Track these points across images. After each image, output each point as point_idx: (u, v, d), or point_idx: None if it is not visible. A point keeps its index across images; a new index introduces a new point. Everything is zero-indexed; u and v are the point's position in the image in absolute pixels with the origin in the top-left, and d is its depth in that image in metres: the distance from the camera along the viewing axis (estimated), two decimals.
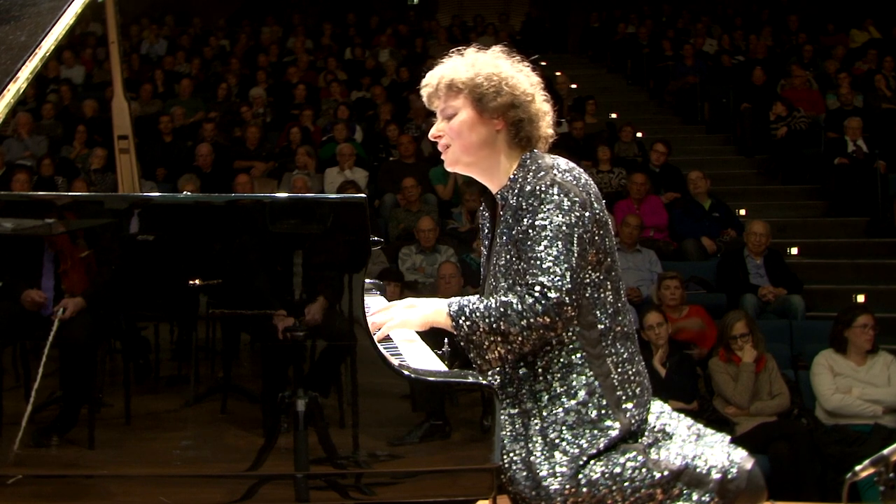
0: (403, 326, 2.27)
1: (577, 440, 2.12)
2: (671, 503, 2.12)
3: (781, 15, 13.78)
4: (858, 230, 8.87)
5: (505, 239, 2.23)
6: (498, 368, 2.22)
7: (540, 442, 2.13)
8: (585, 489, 2.08)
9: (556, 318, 2.08)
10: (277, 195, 2.19)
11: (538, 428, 2.15)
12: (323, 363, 2.05)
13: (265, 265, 2.05)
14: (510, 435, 2.17)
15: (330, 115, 10.18)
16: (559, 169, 2.21)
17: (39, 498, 2.01)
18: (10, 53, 2.31)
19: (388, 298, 3.17)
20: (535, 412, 2.17)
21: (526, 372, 2.20)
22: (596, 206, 2.21)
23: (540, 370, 2.19)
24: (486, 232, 2.44)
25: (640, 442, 2.19)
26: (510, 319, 2.08)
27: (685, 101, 11.68)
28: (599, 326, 2.21)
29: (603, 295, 2.22)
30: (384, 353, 2.06)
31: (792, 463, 5.03)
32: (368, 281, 2.89)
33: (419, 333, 2.44)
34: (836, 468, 4.98)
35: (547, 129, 2.33)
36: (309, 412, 2.00)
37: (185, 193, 4.52)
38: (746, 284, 6.85)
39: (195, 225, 2.07)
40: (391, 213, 8.01)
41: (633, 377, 2.23)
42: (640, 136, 9.97)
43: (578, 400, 2.15)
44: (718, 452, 2.19)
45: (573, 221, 2.13)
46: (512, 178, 2.25)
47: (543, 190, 2.15)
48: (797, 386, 5.69)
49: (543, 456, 2.11)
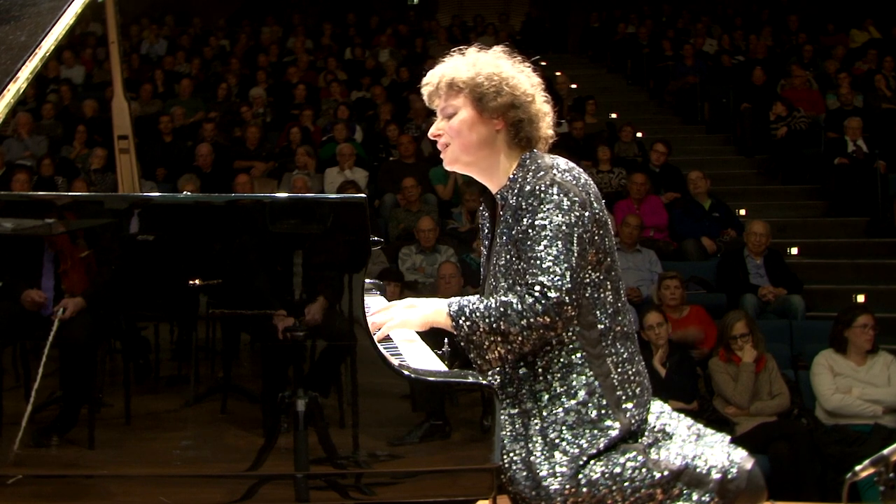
0: (403, 326, 2.27)
1: (577, 440, 2.12)
2: (671, 503, 2.12)
3: (781, 15, 13.78)
4: (858, 230, 8.87)
5: (505, 239, 2.23)
6: (498, 368, 2.22)
7: (540, 442, 2.13)
8: (585, 489, 2.08)
9: (556, 317, 2.08)
10: (277, 195, 2.19)
11: (538, 428, 2.15)
12: (323, 363, 2.05)
13: (265, 265, 2.05)
14: (510, 435, 2.17)
15: (330, 115, 10.17)
16: (559, 169, 2.21)
17: (39, 498, 2.01)
18: (10, 53, 2.31)
19: (388, 298, 3.17)
20: (535, 412, 2.17)
21: (526, 372, 2.20)
22: (595, 205, 2.21)
23: (540, 370, 2.19)
24: (486, 232, 2.44)
25: (640, 442, 2.19)
26: (510, 319, 2.08)
27: (685, 101, 11.68)
28: (599, 326, 2.21)
29: (603, 295, 2.22)
30: (384, 353, 2.05)
31: (792, 463, 5.03)
32: (368, 281, 2.89)
33: (419, 333, 2.44)
34: (836, 468, 4.97)
35: (547, 129, 2.33)
36: (309, 412, 2.00)
37: (185, 193, 4.51)
38: (746, 284, 6.85)
39: (195, 225, 2.07)
40: (391, 213, 8.01)
41: (633, 377, 2.23)
42: (640, 136, 9.97)
43: (578, 400, 2.15)
44: (718, 452, 2.19)
45: (573, 221, 2.13)
46: (511, 177, 2.25)
47: (543, 190, 2.15)
48: (797, 386, 5.69)
49: (543, 456, 2.11)
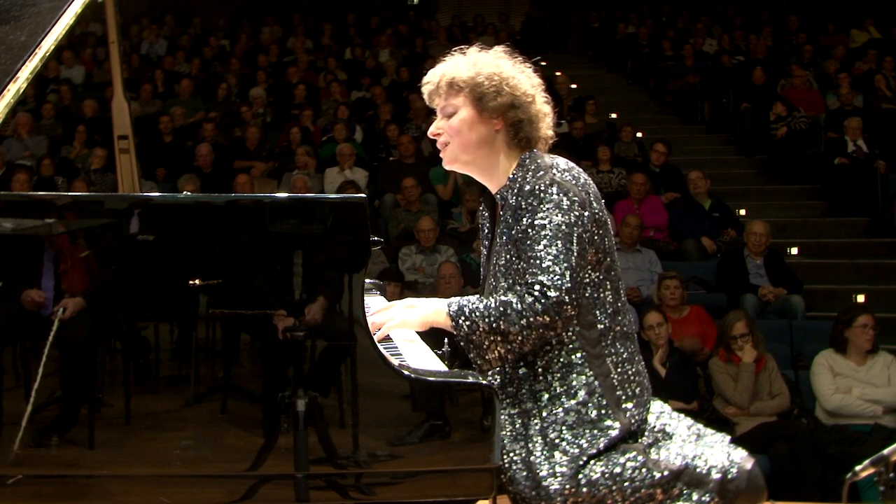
0: (403, 326, 2.27)
1: (577, 440, 2.12)
2: (671, 503, 2.12)
3: (781, 15, 13.78)
4: (858, 230, 8.87)
5: (505, 239, 2.23)
6: (498, 368, 2.22)
7: (540, 442, 2.13)
8: (585, 489, 2.08)
9: (555, 317, 2.08)
10: (277, 195, 2.19)
11: (538, 428, 2.15)
12: (323, 363, 2.05)
13: (265, 265, 2.05)
14: (510, 435, 2.17)
15: (330, 115, 10.17)
16: (558, 168, 2.21)
17: (39, 498, 2.01)
18: (10, 53, 2.31)
19: (388, 298, 3.17)
20: (535, 412, 2.17)
21: (526, 372, 2.20)
22: (595, 205, 2.21)
23: (540, 370, 2.19)
24: (485, 232, 2.44)
25: (640, 442, 2.19)
26: (510, 319, 2.08)
27: (685, 101, 11.68)
28: (599, 326, 2.21)
29: (602, 295, 2.22)
30: (384, 353, 2.05)
31: (792, 463, 5.03)
32: (368, 281, 2.89)
33: (419, 333, 2.44)
34: (836, 468, 4.97)
35: (547, 130, 2.33)
36: (309, 412, 2.00)
37: (185, 193, 4.51)
38: (746, 284, 6.85)
39: (195, 225, 2.07)
40: (391, 213, 8.01)
41: (632, 377, 2.23)
42: (640, 136, 9.97)
43: (578, 400, 2.15)
44: (718, 452, 2.19)
45: (572, 221, 2.13)
46: (511, 177, 2.25)
47: (543, 189, 2.15)
48: (797, 386, 5.69)
49: (543, 456, 2.11)
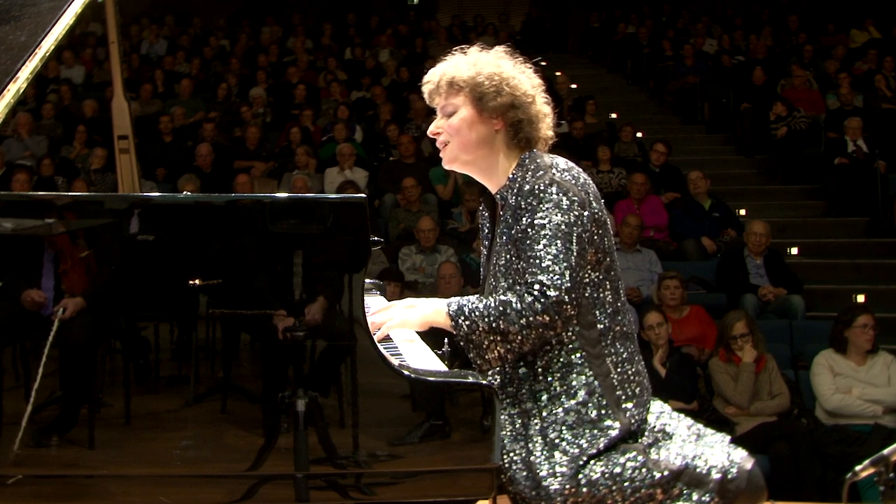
0: (402, 326, 2.27)
1: (576, 440, 2.11)
2: (671, 503, 2.12)
3: (781, 15, 13.78)
4: (858, 230, 8.87)
5: (505, 239, 2.23)
6: (498, 368, 2.22)
7: (540, 442, 2.13)
8: (585, 489, 2.08)
9: (555, 316, 2.08)
10: (277, 195, 2.19)
11: (538, 428, 2.15)
12: (323, 363, 2.05)
13: (265, 265, 2.05)
14: (510, 435, 2.17)
15: (330, 115, 10.17)
16: (558, 168, 2.21)
17: (39, 498, 2.01)
18: (10, 53, 2.31)
19: (388, 298, 3.17)
20: (534, 412, 2.17)
21: (526, 372, 2.20)
22: (595, 205, 2.21)
23: (540, 370, 2.19)
24: (485, 232, 2.44)
25: (640, 442, 2.19)
26: (509, 318, 2.08)
27: (685, 101, 11.68)
28: (599, 326, 2.21)
29: (602, 294, 2.22)
30: (384, 353, 2.05)
31: (792, 463, 5.03)
32: (368, 281, 2.89)
33: (419, 333, 2.44)
34: (836, 468, 4.97)
35: (547, 130, 2.33)
36: (309, 412, 2.00)
37: (185, 193, 4.51)
38: (746, 284, 6.85)
39: (195, 225, 2.07)
40: (391, 213, 8.01)
41: (632, 377, 2.23)
42: (640, 136, 9.97)
43: (578, 400, 2.15)
44: (718, 452, 2.19)
45: (572, 220, 2.13)
46: (511, 177, 2.25)
47: (542, 189, 2.15)
48: (797, 386, 5.69)
49: (543, 456, 2.11)
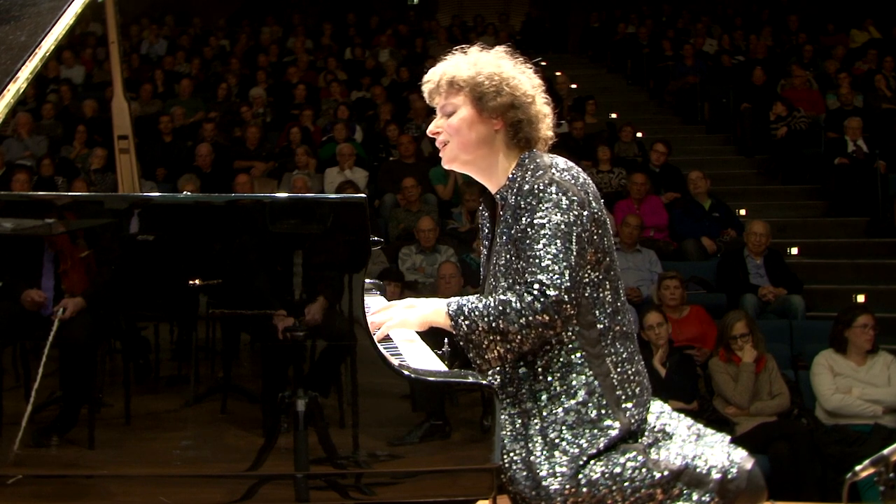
0: (402, 326, 2.27)
1: (576, 440, 2.11)
2: (671, 503, 2.12)
3: (781, 15, 13.78)
4: (858, 230, 8.87)
5: (505, 238, 2.23)
6: (497, 368, 2.22)
7: (540, 442, 2.13)
8: (585, 489, 2.08)
9: (554, 315, 2.08)
10: (277, 195, 2.19)
11: (538, 428, 2.15)
12: (323, 363, 2.05)
13: (265, 265, 2.05)
14: (510, 435, 2.17)
15: (330, 115, 10.17)
16: (557, 168, 2.21)
17: (39, 498, 2.01)
18: (10, 53, 2.31)
19: (388, 298, 3.17)
20: (534, 412, 2.17)
21: (525, 371, 2.20)
22: (594, 205, 2.21)
23: (539, 370, 2.19)
24: (485, 232, 2.44)
25: (640, 442, 2.19)
26: (509, 318, 2.08)
27: (685, 101, 11.68)
28: (599, 326, 2.21)
29: (602, 294, 2.22)
30: (384, 353, 2.05)
31: (792, 463, 5.02)
32: (368, 281, 2.89)
33: (419, 333, 2.44)
34: (836, 468, 4.97)
35: (546, 131, 2.33)
36: (309, 412, 2.00)
37: (185, 193, 4.51)
38: (746, 284, 6.85)
39: (195, 225, 2.07)
40: (391, 213, 8.01)
41: (632, 377, 2.23)
42: (640, 136, 9.97)
43: (578, 400, 2.15)
44: (718, 452, 2.19)
45: (571, 220, 2.13)
46: (511, 177, 2.25)
47: (542, 189, 2.15)
48: (797, 386, 5.69)
49: (543, 456, 2.11)
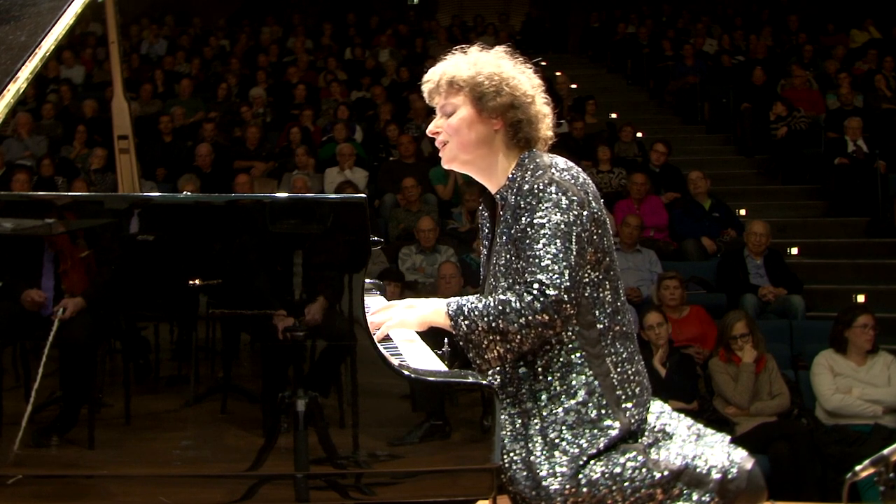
0: (401, 327, 2.27)
1: (576, 440, 2.11)
2: (671, 503, 2.12)
3: (781, 15, 13.78)
4: (858, 230, 8.87)
5: (505, 238, 2.23)
6: (497, 368, 2.22)
7: (540, 442, 2.13)
8: (585, 489, 2.08)
9: (554, 315, 2.08)
10: (277, 195, 2.19)
11: (538, 428, 2.15)
12: (323, 363, 2.05)
13: (265, 265, 2.05)
14: (510, 435, 2.17)
15: (330, 115, 10.17)
16: (557, 168, 2.21)
17: (39, 498, 2.01)
18: (10, 53, 2.31)
19: (388, 298, 3.17)
20: (534, 412, 2.17)
21: (525, 371, 2.20)
22: (594, 205, 2.21)
23: (539, 370, 2.19)
24: (485, 232, 2.44)
25: (640, 442, 2.19)
26: (508, 318, 2.08)
27: (685, 101, 11.68)
28: (598, 326, 2.21)
29: (602, 294, 2.22)
30: (384, 353, 2.05)
31: (792, 463, 5.02)
32: (368, 281, 2.89)
33: (419, 333, 2.44)
34: (836, 468, 4.97)
35: (546, 131, 2.33)
36: (309, 412, 2.00)
37: (185, 193, 4.51)
38: (746, 284, 6.85)
39: (195, 225, 2.07)
40: (391, 213, 8.01)
41: (632, 377, 2.23)
42: (640, 136, 9.97)
43: (578, 399, 2.15)
44: (718, 452, 2.19)
45: (571, 220, 2.13)
46: (511, 177, 2.25)
47: (541, 188, 2.15)
48: (797, 386, 5.68)
49: (543, 456, 2.11)
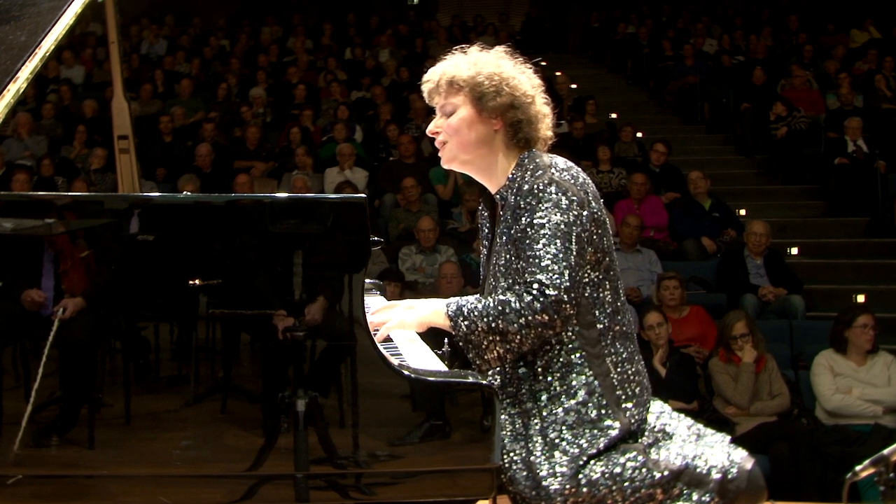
0: (400, 328, 2.27)
1: (577, 440, 2.11)
2: (671, 503, 2.12)
3: (781, 15, 13.78)
4: (858, 230, 8.87)
5: (504, 238, 2.23)
6: (497, 368, 2.22)
7: (540, 442, 2.13)
8: (585, 489, 2.08)
9: (554, 315, 2.08)
10: (277, 195, 2.19)
11: (538, 428, 2.15)
12: (323, 363, 2.05)
13: (265, 265, 2.05)
14: (510, 435, 2.17)
15: (330, 115, 10.17)
16: (557, 168, 2.21)
17: (39, 498, 2.01)
18: (10, 53, 2.31)
19: (388, 298, 3.17)
20: (534, 412, 2.17)
21: (525, 372, 2.20)
22: (594, 205, 2.21)
23: (539, 370, 2.19)
24: (485, 232, 2.44)
25: (640, 442, 2.19)
26: (508, 318, 2.07)
27: (685, 101, 11.68)
28: (598, 326, 2.21)
29: (602, 294, 2.22)
30: (384, 353, 2.06)
31: (792, 463, 5.02)
32: (368, 281, 2.89)
33: (419, 333, 2.44)
34: (836, 468, 4.97)
35: (546, 131, 2.33)
36: (309, 412, 2.00)
37: (185, 193, 4.51)
38: (746, 284, 6.85)
39: (195, 225, 2.07)
40: (391, 213, 8.01)
41: (632, 377, 2.23)
42: (640, 136, 9.97)
43: (578, 400, 2.15)
44: (718, 452, 2.19)
45: (571, 220, 2.13)
46: (510, 177, 2.25)
47: (541, 189, 2.15)
48: (797, 386, 5.68)
49: (543, 456, 2.11)
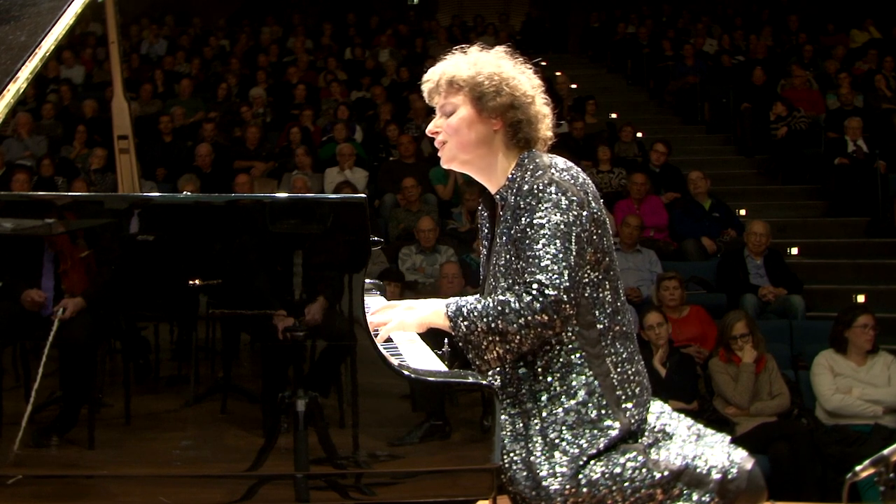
0: (400, 328, 2.27)
1: (577, 440, 2.11)
2: (671, 503, 2.12)
3: (781, 15, 13.78)
4: (858, 230, 8.87)
5: (504, 239, 2.23)
6: (497, 368, 2.22)
7: (540, 442, 2.13)
8: (585, 489, 2.08)
9: (553, 315, 2.08)
10: (277, 195, 2.19)
11: (538, 428, 2.15)
12: (323, 363, 2.05)
13: (265, 265, 2.05)
14: (510, 435, 2.17)
15: (330, 115, 10.17)
16: (557, 168, 2.21)
17: (39, 498, 2.01)
18: (10, 53, 2.31)
19: (388, 298, 3.17)
20: (534, 412, 2.17)
21: (525, 372, 2.20)
22: (594, 205, 2.21)
23: (539, 370, 2.19)
24: (485, 232, 2.43)
25: (640, 442, 2.19)
26: (508, 318, 2.07)
27: (685, 101, 11.68)
28: (598, 326, 2.21)
29: (602, 294, 2.22)
30: (384, 353, 2.06)
31: (792, 463, 5.03)
32: (368, 281, 2.89)
33: (419, 334, 2.44)
34: (836, 468, 4.97)
35: (546, 131, 2.33)
36: (309, 412, 2.00)
37: (185, 193, 4.51)
38: (746, 284, 6.85)
39: (195, 225, 2.07)
40: (391, 213, 8.01)
41: (632, 377, 2.23)
42: (640, 136, 9.97)
43: (578, 400, 2.15)
44: (718, 452, 2.19)
45: (571, 220, 2.13)
46: (510, 177, 2.25)
47: (541, 189, 2.15)
48: (797, 386, 5.68)
49: (543, 456, 2.11)
